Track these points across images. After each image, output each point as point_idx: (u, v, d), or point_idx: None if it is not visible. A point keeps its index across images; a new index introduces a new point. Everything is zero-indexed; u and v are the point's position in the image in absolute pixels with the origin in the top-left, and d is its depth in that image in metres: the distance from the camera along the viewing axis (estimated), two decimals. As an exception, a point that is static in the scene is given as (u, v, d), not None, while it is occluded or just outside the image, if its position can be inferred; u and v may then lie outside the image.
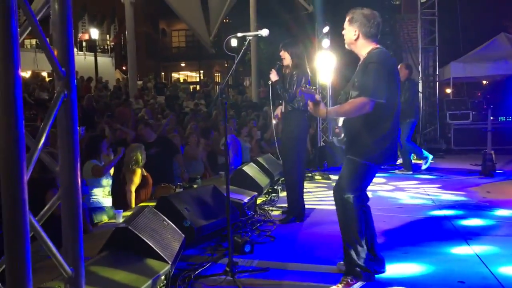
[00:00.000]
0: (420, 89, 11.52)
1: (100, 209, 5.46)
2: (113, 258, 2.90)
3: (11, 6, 1.20)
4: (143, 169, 6.21)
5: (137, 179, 6.10)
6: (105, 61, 25.16)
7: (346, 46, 3.38)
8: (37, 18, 1.40)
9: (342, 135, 3.37)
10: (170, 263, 3.00)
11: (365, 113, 3.10)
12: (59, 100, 1.38)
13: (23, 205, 1.23)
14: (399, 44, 13.15)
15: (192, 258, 3.82)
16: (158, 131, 8.15)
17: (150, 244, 3.05)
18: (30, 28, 1.40)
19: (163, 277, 2.89)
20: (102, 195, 5.53)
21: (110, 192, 5.72)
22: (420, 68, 12.11)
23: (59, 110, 1.39)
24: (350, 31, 3.29)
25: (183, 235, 3.64)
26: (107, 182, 5.64)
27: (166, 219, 3.65)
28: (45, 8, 1.43)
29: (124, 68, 25.54)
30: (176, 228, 3.64)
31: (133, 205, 6.05)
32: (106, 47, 27.03)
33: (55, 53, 1.41)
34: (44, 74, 19.97)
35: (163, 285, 2.91)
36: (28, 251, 1.26)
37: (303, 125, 5.08)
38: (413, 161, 8.41)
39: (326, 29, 9.85)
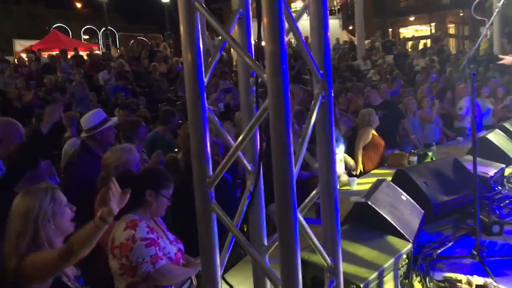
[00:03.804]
0: None
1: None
2: (355, 233, 2.99)
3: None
4: (374, 131, 6.24)
5: (366, 138, 6.16)
6: (333, 23, 25.53)
7: None
8: (297, 23, 1.47)
9: None
10: (411, 241, 2.96)
11: None
12: (318, 102, 1.45)
13: (293, 202, 1.35)
14: None
15: (431, 234, 3.68)
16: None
17: (391, 221, 3.04)
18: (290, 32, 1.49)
19: (404, 256, 2.87)
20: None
21: (342, 160, 5.89)
22: None
23: (318, 111, 1.46)
24: None
25: (423, 211, 3.53)
26: (339, 149, 5.81)
27: (404, 193, 3.59)
28: (304, 13, 1.50)
29: (350, 28, 25.54)
30: (415, 204, 3.55)
31: (360, 164, 6.14)
32: (333, 9, 27.36)
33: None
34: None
35: (405, 264, 2.89)
36: (297, 239, 1.39)
37: None
38: None
39: None
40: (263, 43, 1.31)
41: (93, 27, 28.33)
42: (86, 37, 28.98)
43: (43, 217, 2.26)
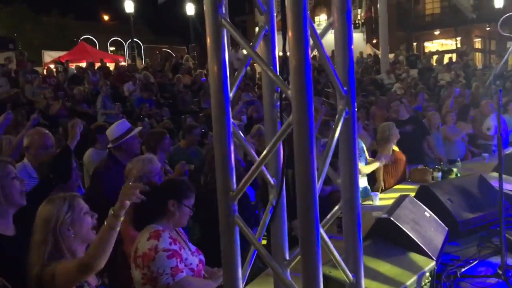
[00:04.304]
0: None
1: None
2: (377, 249, 2.96)
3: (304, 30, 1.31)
4: (395, 146, 6.14)
5: (387, 155, 6.05)
6: (357, 37, 25.48)
7: None
8: (321, 39, 1.49)
9: None
10: (434, 259, 2.91)
11: None
12: (342, 118, 1.46)
13: (316, 217, 1.36)
14: None
15: (455, 252, 3.61)
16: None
17: (414, 237, 3.01)
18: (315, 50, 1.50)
19: (427, 274, 2.83)
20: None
21: (365, 173, 5.83)
22: None
23: (342, 127, 1.47)
24: None
25: (447, 228, 3.47)
26: (360, 164, 5.76)
27: (427, 210, 3.54)
28: (330, 29, 1.52)
29: (374, 41, 25.45)
30: (439, 221, 3.50)
31: (381, 182, 6.05)
32: (357, 22, 27.33)
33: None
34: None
35: (428, 282, 2.84)
36: (319, 254, 1.40)
37: None
38: None
39: None
40: (288, 57, 1.33)
41: (119, 39, 28.91)
42: (112, 48, 29.57)
43: (62, 226, 2.27)
